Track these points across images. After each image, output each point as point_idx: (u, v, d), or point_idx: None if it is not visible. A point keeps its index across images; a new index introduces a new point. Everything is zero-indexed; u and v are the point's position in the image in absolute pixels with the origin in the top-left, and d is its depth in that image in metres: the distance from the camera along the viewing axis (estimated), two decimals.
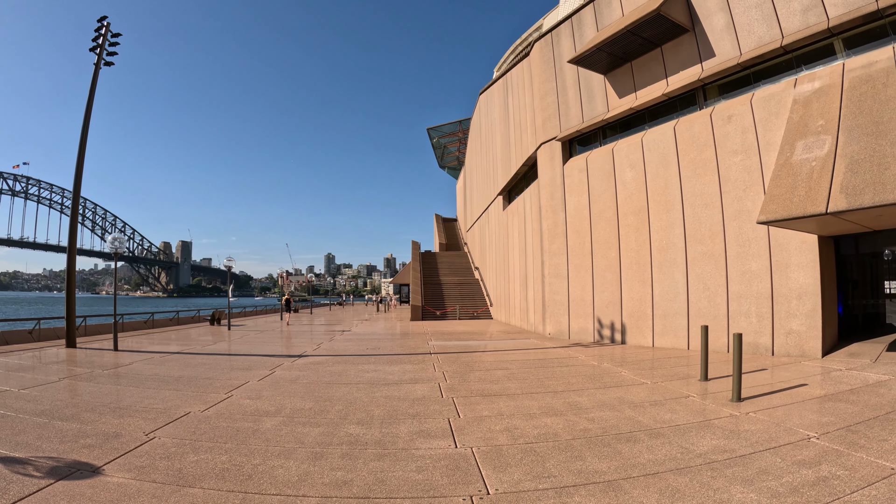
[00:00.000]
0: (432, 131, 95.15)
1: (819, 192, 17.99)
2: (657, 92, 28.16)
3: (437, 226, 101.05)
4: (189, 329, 45.63)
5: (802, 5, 22.29)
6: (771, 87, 23.59)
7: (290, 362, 22.66)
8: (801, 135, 20.34)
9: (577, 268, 31.76)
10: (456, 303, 58.49)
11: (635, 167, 28.83)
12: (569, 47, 33.31)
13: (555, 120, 34.20)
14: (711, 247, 24.76)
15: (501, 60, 78.58)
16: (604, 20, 30.99)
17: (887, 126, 17.55)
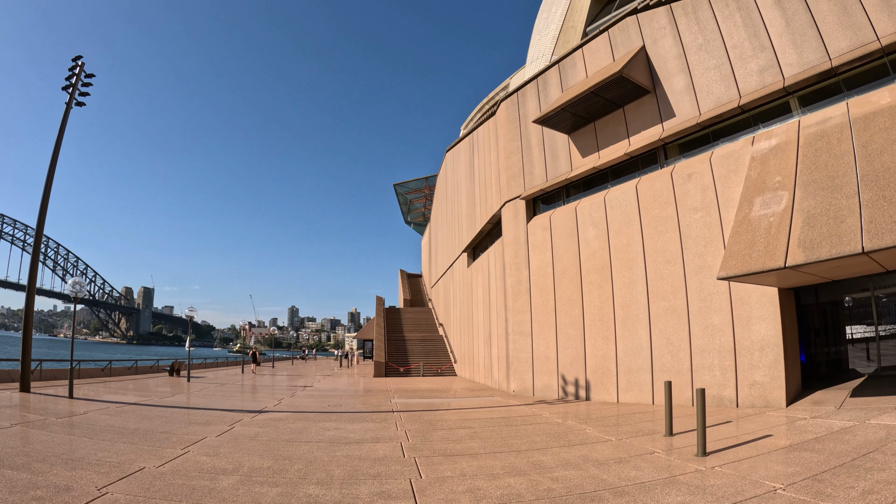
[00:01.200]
0: (399, 187, 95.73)
1: (777, 246, 18.30)
2: (620, 151, 28.71)
3: (401, 281, 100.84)
4: (147, 379, 44.68)
5: (759, 66, 23.09)
6: (729, 145, 24.24)
7: (249, 418, 22.19)
8: (759, 191, 20.78)
9: (540, 325, 31.78)
10: (420, 359, 58.04)
11: (598, 225, 29.16)
12: (534, 107, 33.95)
13: (519, 178, 34.63)
14: (674, 302, 24.98)
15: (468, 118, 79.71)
16: (568, 81, 31.71)
17: (842, 180, 17.99)
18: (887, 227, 15.73)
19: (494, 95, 69.40)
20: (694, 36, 25.94)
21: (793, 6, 22.29)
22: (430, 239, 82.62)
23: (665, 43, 27.18)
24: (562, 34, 39.83)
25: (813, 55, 21.38)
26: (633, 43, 28.53)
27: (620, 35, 29.30)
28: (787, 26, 22.40)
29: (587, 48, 31.16)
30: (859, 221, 16.48)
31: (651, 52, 27.74)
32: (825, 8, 21.22)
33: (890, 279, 20.47)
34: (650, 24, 27.94)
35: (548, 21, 43.58)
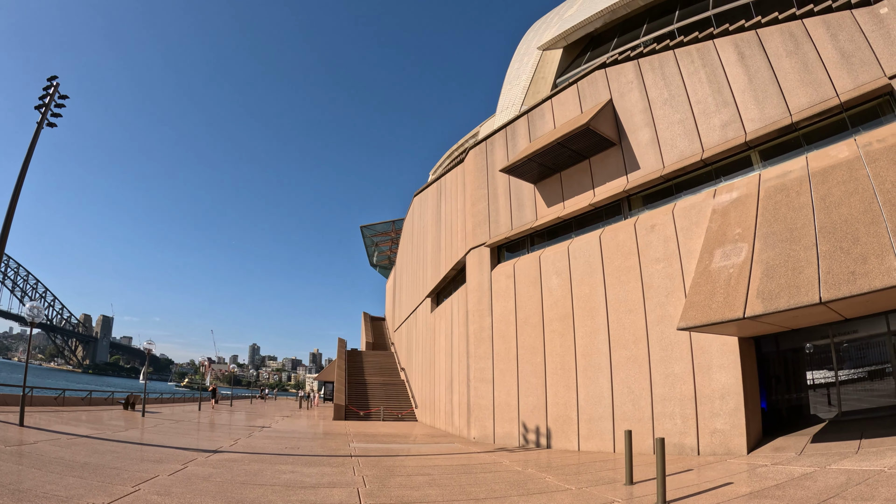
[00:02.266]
0: (365, 229, 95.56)
1: (737, 297, 18.52)
2: (584, 202, 29.04)
3: (364, 324, 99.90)
4: (101, 411, 43.55)
5: (722, 121, 23.70)
6: (692, 197, 24.69)
7: (204, 457, 21.66)
8: (719, 243, 21.12)
9: (502, 372, 31.66)
10: (380, 403, 57.32)
11: (561, 274, 29.32)
12: (502, 156, 34.33)
13: (485, 226, 34.82)
14: (635, 351, 25.06)
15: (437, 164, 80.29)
16: (536, 131, 32.18)
17: (801, 232, 18.36)
18: (844, 277, 16.03)
19: (464, 142, 70.13)
20: (660, 91, 26.57)
21: (755, 63, 23.05)
22: (394, 282, 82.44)
23: (632, 97, 27.77)
24: (532, 85, 40.55)
25: (774, 111, 22.07)
26: (601, 96, 29.11)
27: (589, 88, 29.90)
28: (749, 83, 23.10)
29: (556, 99, 31.72)
30: (817, 272, 16.77)
31: (618, 106, 28.31)
32: (787, 65, 21.99)
33: (849, 326, 20.79)
34: (618, 78, 28.57)
35: (519, 72, 44.39)
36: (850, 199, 18.00)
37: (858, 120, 20.65)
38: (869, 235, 16.55)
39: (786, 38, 22.45)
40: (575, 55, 39.54)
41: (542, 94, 38.21)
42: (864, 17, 20.59)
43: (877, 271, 15.54)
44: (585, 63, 36.21)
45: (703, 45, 25.37)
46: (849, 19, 20.92)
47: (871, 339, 20.70)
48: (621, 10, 35.56)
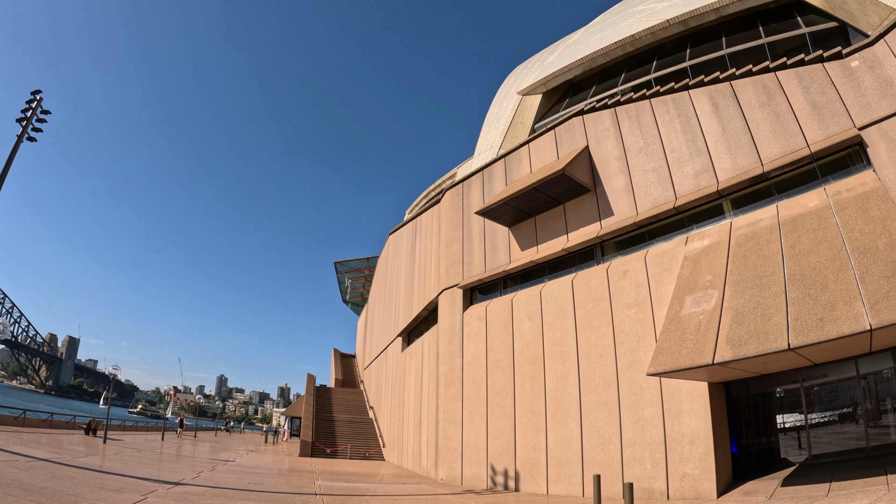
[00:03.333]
0: (339, 265, 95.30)
1: (706, 343, 18.63)
2: (558, 247, 29.22)
3: (334, 360, 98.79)
4: (62, 435, 42.66)
5: (695, 169, 24.11)
6: (664, 244, 24.96)
7: (165, 489, 21.17)
8: (690, 290, 21.30)
9: (471, 414, 31.42)
10: (348, 441, 56.55)
11: (533, 318, 29.33)
12: (478, 198, 34.52)
13: (458, 267, 34.85)
14: (605, 396, 25.01)
15: (414, 203, 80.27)
16: (513, 175, 32.44)
17: (770, 279, 18.60)
18: (812, 324, 16.24)
19: (441, 183, 70.37)
20: (635, 139, 26.98)
21: (729, 114, 23.56)
22: (366, 320, 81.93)
23: (608, 144, 28.16)
24: (510, 129, 40.93)
25: (746, 160, 22.56)
26: (578, 142, 29.48)
27: (566, 134, 30.29)
28: (723, 133, 23.58)
29: (533, 144, 32.07)
30: (786, 319, 16.97)
31: (594, 153, 28.67)
32: (759, 116, 22.54)
33: (818, 371, 20.92)
34: (595, 126, 28.97)
35: (498, 115, 44.81)
36: (819, 247, 18.35)
37: (828, 170, 21.19)
38: (837, 282, 16.85)
39: (759, 90, 23.05)
40: (554, 101, 40.07)
41: (520, 138, 38.59)
42: (836, 70, 21.28)
43: (845, 317, 15.79)
44: (564, 109, 36.70)
45: (679, 96, 25.90)
46: (820, 72, 21.59)
47: (841, 383, 20.89)
48: (600, 59, 36.17)
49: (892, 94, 19.88)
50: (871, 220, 18.21)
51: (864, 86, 20.56)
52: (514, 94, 43.45)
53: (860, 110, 20.36)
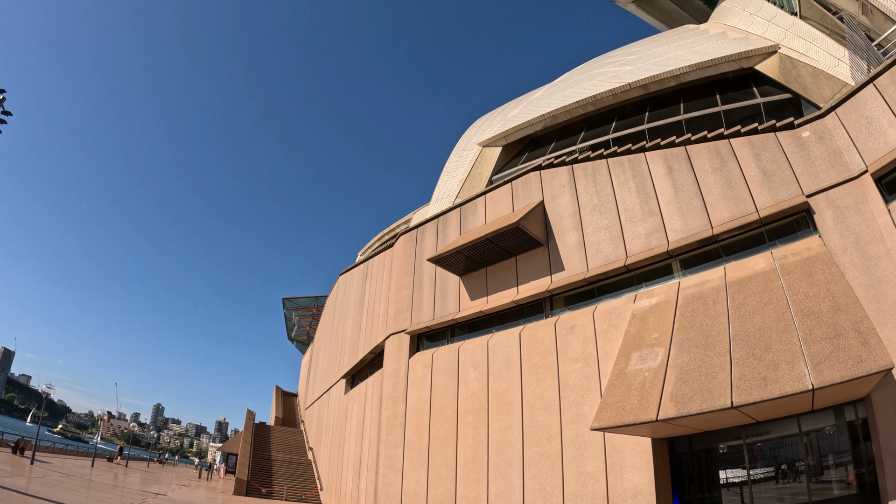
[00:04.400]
0: (288, 302, 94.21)
1: (651, 400, 18.78)
2: (507, 298, 29.32)
3: (276, 398, 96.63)
4: None
5: (647, 229, 24.61)
6: (613, 301, 25.26)
7: None
8: (636, 347, 21.52)
9: (412, 461, 30.96)
10: (285, 482, 55.01)
11: (479, 368, 29.22)
12: (431, 245, 34.55)
13: (407, 313, 34.67)
14: (549, 448, 24.90)
15: (367, 245, 79.84)
16: (468, 225, 32.60)
17: (715, 339, 18.94)
18: (756, 383, 16.56)
19: (395, 227, 70.24)
20: (590, 196, 27.43)
21: (682, 177, 24.20)
22: (311, 359, 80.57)
23: (563, 200, 28.55)
24: (468, 179, 41.26)
25: (697, 223, 23.15)
26: (534, 196, 29.82)
27: (523, 187, 30.64)
28: (675, 195, 24.16)
29: (490, 196, 32.34)
30: (730, 378, 17.26)
31: (549, 208, 29.02)
32: (712, 181, 23.22)
33: (761, 428, 21.09)
34: (551, 181, 29.39)
35: (458, 164, 45.16)
36: (764, 309, 18.82)
37: (776, 234, 21.94)
38: (781, 343, 17.28)
39: (713, 156, 23.77)
40: (513, 154, 40.57)
41: (478, 188, 38.89)
42: (787, 140, 22.17)
43: (787, 377, 16.15)
44: (522, 163, 37.15)
45: (635, 157, 26.50)
46: (772, 141, 22.44)
47: (784, 440, 21.09)
48: (562, 117, 36.85)
49: (840, 164, 20.83)
50: (815, 284, 18.83)
51: (814, 155, 21.51)
52: (474, 145, 43.96)
53: (809, 178, 21.27)
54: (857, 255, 19.56)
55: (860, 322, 16.79)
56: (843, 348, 16.13)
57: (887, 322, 18.22)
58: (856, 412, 19.10)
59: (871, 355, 15.59)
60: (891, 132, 19.85)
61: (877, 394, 17.94)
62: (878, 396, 17.91)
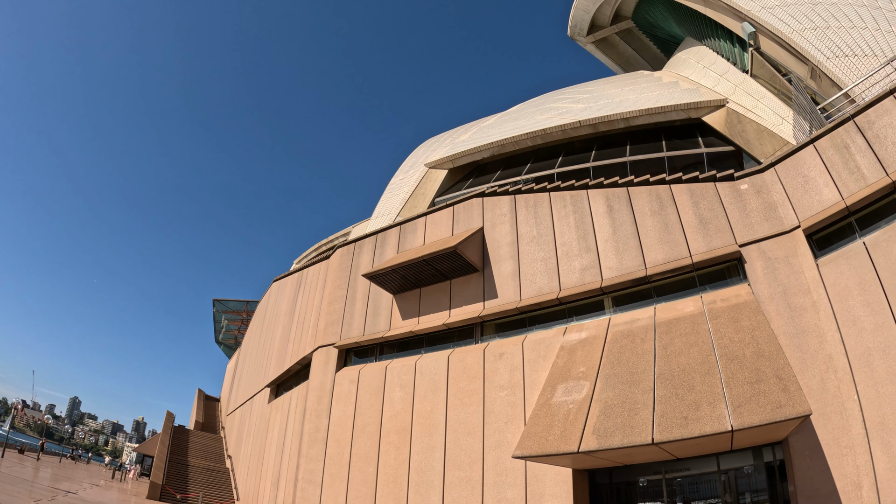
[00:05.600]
0: (218, 304, 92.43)
1: (573, 432, 19.07)
2: (439, 321, 29.40)
3: (197, 402, 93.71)
4: None
5: (582, 265, 25.14)
6: (543, 331, 25.66)
7: None
8: (563, 378, 21.86)
9: (332, 477, 30.55)
10: (201, 489, 53.18)
11: (405, 388, 29.15)
12: (367, 261, 34.42)
13: (337, 327, 34.39)
14: (470, 473, 24.96)
15: (303, 255, 78.72)
16: (406, 244, 32.63)
17: (641, 376, 19.42)
18: (677, 421, 17.03)
19: (334, 239, 69.64)
20: (530, 228, 27.82)
21: (622, 217, 24.85)
22: (236, 364, 78.72)
23: (503, 229, 28.88)
24: (411, 198, 41.34)
25: (632, 262, 23.83)
26: (474, 222, 30.05)
27: (464, 213, 30.84)
28: (613, 234, 24.78)
29: (430, 218, 32.45)
30: (652, 415, 17.70)
31: (488, 235, 29.30)
32: (650, 223, 23.94)
33: (681, 464, 21.61)
34: (493, 209, 29.69)
35: (402, 183, 45.25)
36: (690, 350, 19.43)
37: (707, 279, 22.76)
38: (704, 385, 17.88)
39: (653, 199, 24.47)
40: (458, 178, 40.85)
41: (419, 209, 38.99)
42: (726, 190, 23.09)
43: (708, 417, 16.68)
44: (466, 188, 37.39)
45: (578, 193, 27.03)
46: (711, 190, 23.32)
47: (702, 477, 21.69)
48: (510, 147, 37.39)
49: (774, 218, 21.79)
50: (741, 330, 19.56)
51: (750, 207, 22.47)
52: (420, 165, 44.09)
53: (743, 229, 22.21)
54: (783, 306, 20.51)
55: (782, 369, 17.47)
56: (764, 393, 16.78)
57: (808, 370, 19.18)
58: (774, 454, 19.93)
59: (790, 401, 16.24)
60: (826, 192, 20.87)
61: (794, 438, 18.77)
62: (796, 440, 18.75)
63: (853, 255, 19.70)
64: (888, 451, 17.13)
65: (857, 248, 19.67)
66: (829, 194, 20.77)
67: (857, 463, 17.65)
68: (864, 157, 20.31)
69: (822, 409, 18.64)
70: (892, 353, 17.88)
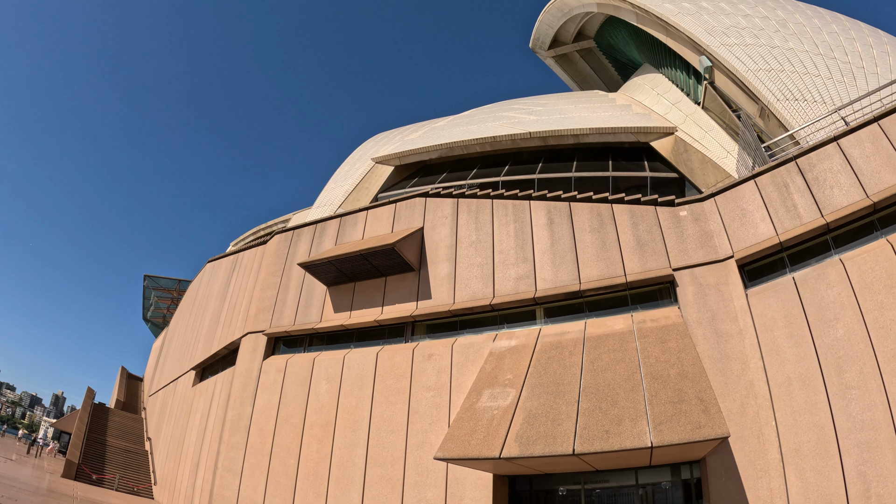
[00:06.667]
0: (149, 279, 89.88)
1: (496, 438, 19.30)
2: (371, 316, 29.36)
3: (120, 380, 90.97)
4: None
5: (518, 274, 25.49)
6: (473, 336, 25.91)
7: None
8: (489, 384, 22.08)
9: (252, 467, 30.14)
10: (118, 471, 51.52)
11: (332, 381, 29.00)
12: (305, 250, 34.13)
13: (268, 314, 34.01)
14: (391, 471, 24.98)
15: (241, 237, 77.48)
16: (345, 237, 32.47)
17: (566, 388, 19.81)
18: (598, 434, 17.50)
19: (273, 224, 68.76)
20: (469, 232, 28.01)
21: (561, 231, 25.31)
22: (163, 344, 76.66)
23: (443, 231, 29.00)
24: (355, 191, 41.22)
25: (567, 276, 24.28)
26: (415, 222, 30.10)
27: (406, 211, 30.85)
28: (551, 246, 25.21)
29: (372, 213, 32.36)
30: (575, 426, 18.12)
31: (427, 235, 29.38)
32: (588, 239, 24.49)
33: (600, 476, 22.27)
34: (435, 210, 29.79)
35: (347, 175, 45.05)
36: (616, 367, 19.98)
37: (639, 299, 23.42)
38: (627, 401, 18.41)
39: (593, 216, 25.00)
40: (404, 176, 40.85)
41: (362, 203, 38.86)
42: (665, 215, 23.86)
43: (629, 433, 17.20)
44: (411, 187, 37.45)
45: (520, 203, 27.34)
46: (651, 213, 24.05)
47: (621, 490, 22.32)
48: (458, 150, 37.62)
49: (709, 246, 22.68)
50: (667, 351, 20.22)
51: (687, 234, 23.29)
52: (367, 159, 43.96)
53: (678, 254, 23.00)
54: (710, 331, 21.31)
55: (704, 391, 18.13)
56: (685, 413, 17.39)
57: (729, 394, 19.97)
58: (691, 472, 20.70)
59: (709, 422, 16.88)
60: (762, 226, 21.88)
61: (712, 458, 19.51)
62: (713, 461, 19.49)
63: (782, 288, 20.67)
64: (802, 477, 18.06)
65: (786, 283, 20.66)
66: (765, 229, 21.76)
67: (770, 486, 18.49)
68: (803, 197, 21.32)
69: (740, 432, 19.47)
70: (811, 385, 18.85)
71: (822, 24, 37.42)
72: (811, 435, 18.40)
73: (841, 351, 18.74)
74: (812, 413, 18.61)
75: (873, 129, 21.00)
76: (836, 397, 18.43)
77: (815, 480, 17.90)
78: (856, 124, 21.55)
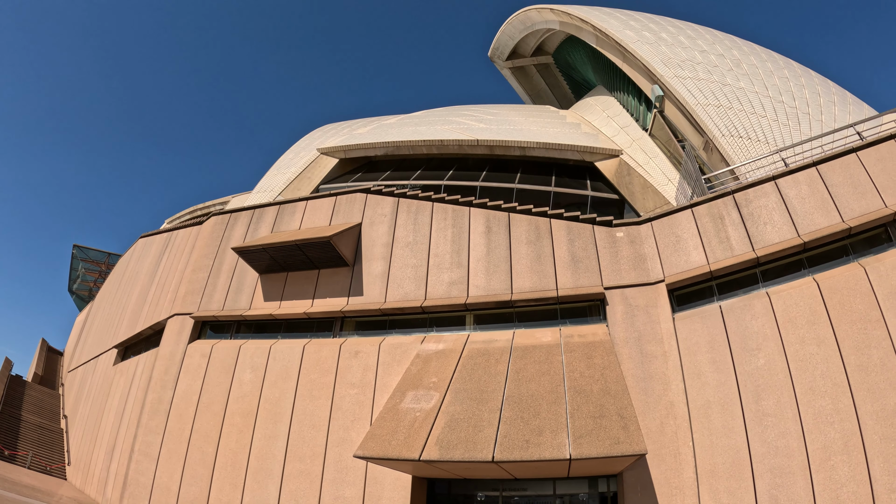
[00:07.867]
0: (78, 250, 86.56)
1: (417, 440, 19.40)
2: (301, 308, 29.17)
3: (39, 352, 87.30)
4: None
5: (451, 279, 25.76)
6: (401, 336, 26.00)
7: None
8: (414, 386, 22.19)
9: (170, 453, 29.42)
10: (31, 448, 49.41)
11: (257, 371, 28.65)
12: (240, 235, 33.69)
13: (197, 297, 33.45)
14: (310, 466, 24.83)
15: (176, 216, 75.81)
16: (282, 225, 32.19)
17: (490, 395, 20.10)
18: (519, 443, 17.81)
19: (210, 206, 67.77)
20: (407, 232, 28.14)
21: (498, 240, 25.68)
22: (86, 319, 73.87)
23: (381, 229, 29.02)
24: (297, 180, 40.93)
25: (499, 285, 24.65)
26: (354, 217, 30.03)
27: (346, 205, 30.74)
28: (487, 254, 25.55)
29: (312, 203, 32.13)
30: (496, 434, 18.39)
31: (365, 232, 29.37)
32: (524, 251, 24.99)
33: (519, 484, 22.77)
34: (375, 208, 29.78)
35: (291, 162, 44.75)
36: (541, 378, 20.41)
37: (569, 314, 23.90)
38: (549, 412, 18.78)
39: (531, 229, 25.47)
40: (348, 170, 40.72)
41: (303, 192, 38.62)
42: (602, 234, 24.59)
43: (549, 444, 17.55)
44: (354, 181, 37.36)
45: (460, 209, 27.57)
46: (588, 231, 24.77)
47: (538, 499, 22.80)
48: (405, 150, 37.73)
49: (642, 269, 23.41)
50: (592, 366, 20.72)
51: (622, 255, 23.98)
52: (313, 149, 43.73)
53: (611, 273, 23.65)
54: (635, 350, 21.96)
55: (625, 408, 18.63)
56: (605, 428, 17.84)
57: (650, 413, 20.67)
58: (608, 485, 21.44)
59: (628, 439, 17.36)
60: (694, 254, 22.81)
61: (629, 473, 20.18)
62: (630, 476, 20.17)
63: (708, 315, 21.53)
64: (715, 497, 18.87)
65: (712, 310, 21.52)
66: (697, 257, 22.69)
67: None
68: (737, 230, 22.32)
69: (658, 450, 20.17)
70: (729, 409, 19.71)
71: (774, 68, 38.84)
72: (727, 457, 19.21)
73: (760, 379, 19.62)
74: (729, 436, 19.44)
75: (811, 172, 21.96)
76: (752, 423, 19.30)
77: (728, 501, 18.71)
78: (795, 166, 22.51)
